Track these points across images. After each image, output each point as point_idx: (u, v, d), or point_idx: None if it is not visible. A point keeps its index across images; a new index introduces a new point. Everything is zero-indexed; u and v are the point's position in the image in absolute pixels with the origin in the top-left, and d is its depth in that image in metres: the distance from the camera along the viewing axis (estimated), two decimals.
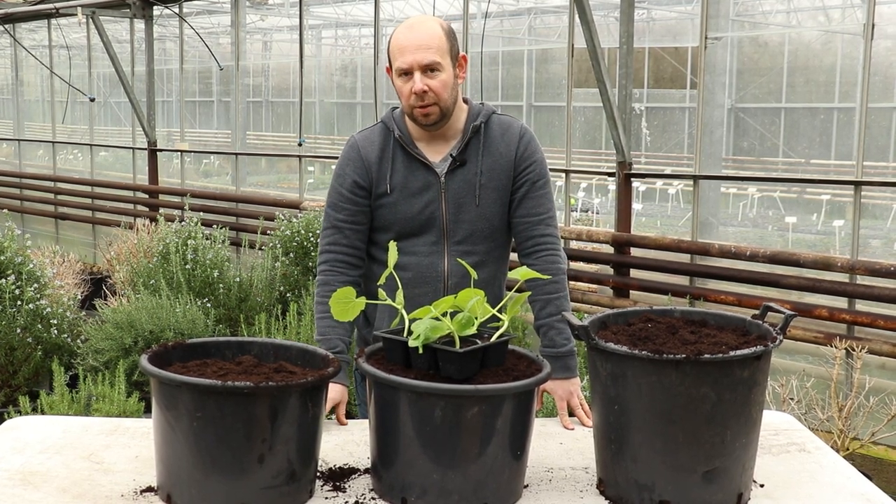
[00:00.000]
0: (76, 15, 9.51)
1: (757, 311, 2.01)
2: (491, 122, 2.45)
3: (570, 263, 6.60)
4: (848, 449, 4.38)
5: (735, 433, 1.82)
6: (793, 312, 1.92)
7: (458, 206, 2.41)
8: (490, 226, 2.45)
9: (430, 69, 2.31)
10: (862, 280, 5.54)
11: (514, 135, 2.45)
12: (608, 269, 6.69)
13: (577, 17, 6.10)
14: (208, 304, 5.62)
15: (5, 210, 11.29)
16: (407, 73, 2.32)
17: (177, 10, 9.81)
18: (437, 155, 2.43)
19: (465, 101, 2.49)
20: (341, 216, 2.44)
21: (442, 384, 1.80)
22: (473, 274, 2.09)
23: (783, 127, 14.82)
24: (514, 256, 2.58)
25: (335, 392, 2.32)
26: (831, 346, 4.87)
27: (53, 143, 12.69)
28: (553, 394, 2.41)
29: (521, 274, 2.01)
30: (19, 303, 5.16)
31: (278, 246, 6.36)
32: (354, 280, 2.46)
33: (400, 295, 2.01)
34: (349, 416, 2.44)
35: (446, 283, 2.43)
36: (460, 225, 2.42)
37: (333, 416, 2.35)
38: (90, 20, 9.84)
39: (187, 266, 5.80)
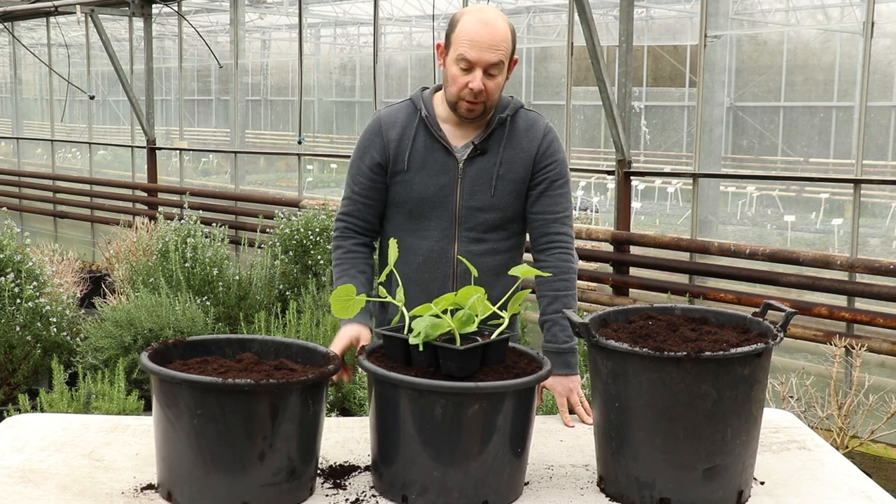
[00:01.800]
0: (75, 13, 9.50)
1: (757, 309, 2.01)
2: (517, 116, 2.47)
3: None
4: (847, 447, 4.39)
5: (735, 431, 1.82)
6: (793, 310, 1.92)
7: (472, 193, 2.43)
8: (503, 216, 2.46)
9: (491, 70, 2.32)
10: (861, 278, 5.54)
11: (538, 131, 2.47)
12: (607, 268, 6.69)
13: (576, 15, 6.10)
14: (207, 303, 5.62)
15: (4, 208, 11.26)
16: (471, 66, 2.31)
17: (176, 8, 9.80)
18: (460, 140, 2.44)
19: None
20: (357, 188, 2.49)
21: (442, 381, 1.80)
22: (474, 272, 2.10)
23: (782, 125, 14.82)
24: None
25: (352, 330, 2.27)
26: (831, 344, 4.87)
27: (52, 141, 12.68)
28: (553, 390, 2.41)
29: (522, 271, 2.01)
30: (18, 301, 5.16)
31: (277, 244, 6.36)
32: (363, 243, 2.51)
33: (401, 293, 2.02)
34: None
35: (455, 268, 2.45)
36: (472, 212, 2.44)
37: (345, 379, 2.26)
38: (89, 18, 9.83)
39: (186, 264, 5.79)
